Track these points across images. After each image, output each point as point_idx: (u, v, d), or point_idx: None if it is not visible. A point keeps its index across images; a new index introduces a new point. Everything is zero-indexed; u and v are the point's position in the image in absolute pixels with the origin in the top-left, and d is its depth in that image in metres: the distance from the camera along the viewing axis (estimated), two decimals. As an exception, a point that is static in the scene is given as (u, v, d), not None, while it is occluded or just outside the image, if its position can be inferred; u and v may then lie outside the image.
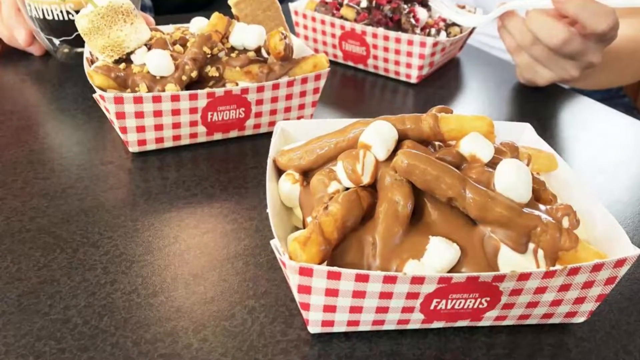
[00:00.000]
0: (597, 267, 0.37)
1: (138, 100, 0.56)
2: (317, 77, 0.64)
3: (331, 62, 0.86)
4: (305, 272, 0.35)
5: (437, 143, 0.44)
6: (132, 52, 0.59)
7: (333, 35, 0.86)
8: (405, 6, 0.83)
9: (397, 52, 0.80)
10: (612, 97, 1.13)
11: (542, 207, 0.40)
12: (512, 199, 0.38)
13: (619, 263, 0.38)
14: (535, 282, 0.37)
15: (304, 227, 0.42)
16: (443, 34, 0.84)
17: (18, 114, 0.68)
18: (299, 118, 0.66)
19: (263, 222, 0.52)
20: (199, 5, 1.24)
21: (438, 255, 0.37)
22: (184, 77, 0.58)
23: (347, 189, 0.41)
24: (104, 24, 0.56)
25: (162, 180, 0.57)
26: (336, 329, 0.40)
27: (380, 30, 0.80)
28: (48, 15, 0.74)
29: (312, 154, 0.44)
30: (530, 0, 0.74)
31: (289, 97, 0.64)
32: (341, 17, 0.84)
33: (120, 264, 0.46)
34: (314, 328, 0.40)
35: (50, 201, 0.53)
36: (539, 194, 0.43)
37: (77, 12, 0.73)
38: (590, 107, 0.80)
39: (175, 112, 0.58)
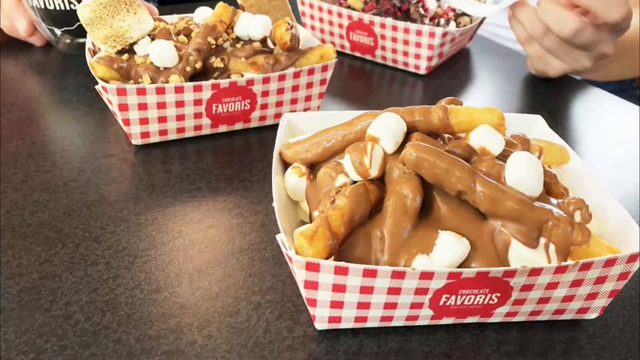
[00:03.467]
0: (609, 262, 0.37)
1: (141, 91, 0.55)
2: (324, 68, 0.63)
3: (338, 52, 0.85)
4: (311, 267, 0.35)
5: (446, 135, 0.43)
6: (135, 43, 0.59)
7: (340, 26, 0.85)
8: (414, -4, 0.82)
9: (406, 42, 0.80)
10: (625, 89, 1.12)
11: (553, 200, 0.40)
12: (523, 193, 0.38)
13: (632, 258, 0.37)
14: (547, 277, 0.37)
15: (311, 222, 0.41)
16: (452, 24, 0.83)
17: (19, 106, 0.68)
18: (305, 110, 0.66)
19: (269, 216, 0.51)
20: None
21: (447, 250, 0.37)
22: (188, 68, 0.57)
23: (355, 182, 0.40)
24: (106, 14, 0.56)
25: (166, 174, 0.56)
26: (343, 325, 0.40)
27: (389, 21, 0.79)
28: (49, 5, 0.73)
29: (319, 147, 0.44)
30: (541, -10, 0.73)
31: (295, 88, 0.63)
32: (348, 7, 0.83)
33: (123, 259, 0.46)
34: (320, 324, 0.40)
35: (52, 195, 0.52)
36: (551, 188, 0.42)
37: (79, 1, 0.73)
38: (603, 98, 0.80)
39: (179, 104, 0.58)
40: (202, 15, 0.66)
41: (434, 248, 0.37)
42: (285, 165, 0.46)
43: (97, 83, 0.55)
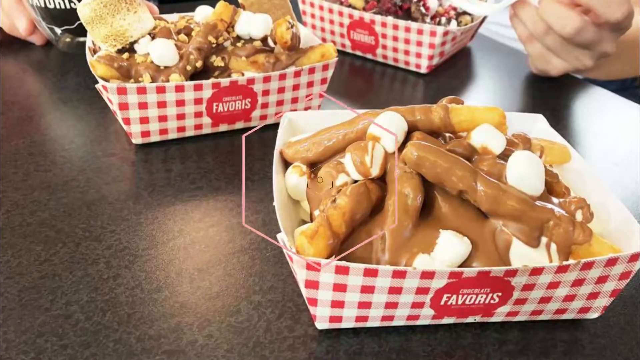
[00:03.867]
0: (611, 262, 0.37)
1: (141, 90, 0.55)
2: (325, 67, 0.63)
3: (339, 51, 0.85)
4: (312, 266, 0.35)
5: (447, 135, 0.43)
6: (135, 42, 0.58)
7: (341, 24, 0.85)
8: (415, -6, 0.82)
9: (407, 41, 0.79)
10: (627, 88, 1.12)
11: (555, 200, 0.40)
12: (524, 192, 0.38)
13: (634, 257, 0.37)
14: (548, 276, 0.37)
15: (312, 221, 0.41)
16: (454, 22, 0.83)
17: (19, 105, 0.68)
18: (306, 109, 0.65)
19: (269, 215, 0.51)
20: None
21: (448, 249, 0.37)
22: (189, 67, 0.57)
23: (356, 181, 0.40)
24: (106, 13, 0.56)
25: (166, 173, 0.56)
26: (344, 324, 0.39)
27: (390, 19, 0.79)
28: (49, 3, 0.73)
29: (320, 146, 0.44)
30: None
31: (296, 87, 0.63)
32: (349, 6, 0.83)
33: (124, 259, 0.45)
34: (321, 324, 0.39)
35: (52, 194, 0.52)
36: (552, 187, 0.42)
37: (79, 0, 0.72)
38: (604, 97, 0.79)
39: (180, 103, 0.57)
40: (203, 14, 0.66)
41: (435, 247, 0.37)
42: (286, 164, 0.46)
43: (97, 82, 0.55)
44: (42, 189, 0.53)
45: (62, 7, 0.74)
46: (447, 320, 0.40)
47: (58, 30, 0.78)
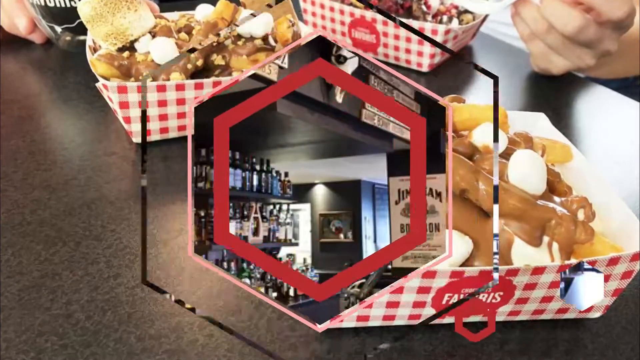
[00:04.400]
0: (613, 261, 0.37)
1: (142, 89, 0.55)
2: (326, 66, 0.63)
3: (340, 50, 0.85)
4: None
5: (449, 133, 0.43)
6: (136, 40, 0.58)
7: (342, 23, 0.84)
8: (417, -7, 0.82)
9: (408, 40, 0.79)
10: (628, 86, 1.11)
11: (556, 199, 0.40)
12: (526, 191, 0.38)
13: (635, 257, 0.37)
14: (550, 276, 0.37)
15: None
16: (455, 21, 0.82)
17: (19, 104, 0.68)
18: (306, 107, 0.65)
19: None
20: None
21: (450, 248, 0.36)
22: (190, 66, 0.57)
23: None
24: (107, 11, 0.56)
25: (167, 172, 0.56)
26: (346, 324, 0.39)
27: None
28: (50, 2, 0.73)
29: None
30: (544, -13, 0.72)
31: (296, 86, 0.62)
32: (350, 4, 0.83)
33: (124, 258, 0.45)
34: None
35: (52, 193, 0.52)
36: (554, 186, 0.42)
37: (79, -1, 0.72)
38: (606, 96, 0.79)
39: (180, 102, 0.57)
40: (204, 12, 0.66)
41: (436, 247, 0.37)
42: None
43: (97, 81, 0.55)
44: (43, 188, 0.53)
45: (63, 5, 0.74)
46: (448, 320, 0.40)
47: (58, 29, 0.77)
